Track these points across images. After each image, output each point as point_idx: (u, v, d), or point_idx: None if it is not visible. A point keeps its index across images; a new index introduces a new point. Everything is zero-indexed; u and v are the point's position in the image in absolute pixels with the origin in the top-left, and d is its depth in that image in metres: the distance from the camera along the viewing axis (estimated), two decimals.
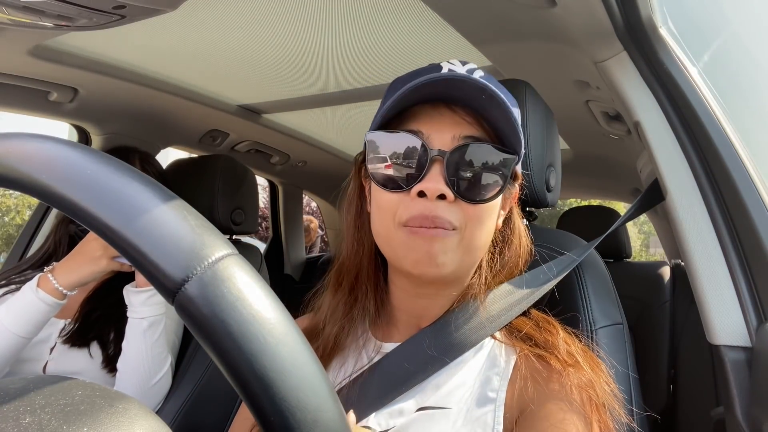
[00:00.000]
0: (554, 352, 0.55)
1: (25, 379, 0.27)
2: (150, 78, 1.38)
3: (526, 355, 0.55)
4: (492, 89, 0.50)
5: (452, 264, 0.54)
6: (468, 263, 0.56)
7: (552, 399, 0.52)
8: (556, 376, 0.53)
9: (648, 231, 13.65)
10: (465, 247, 0.54)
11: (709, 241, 0.72)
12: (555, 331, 0.57)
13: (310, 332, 0.66)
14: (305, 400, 0.24)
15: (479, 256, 0.57)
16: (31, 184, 0.25)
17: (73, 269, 0.99)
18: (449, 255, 0.53)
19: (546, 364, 0.54)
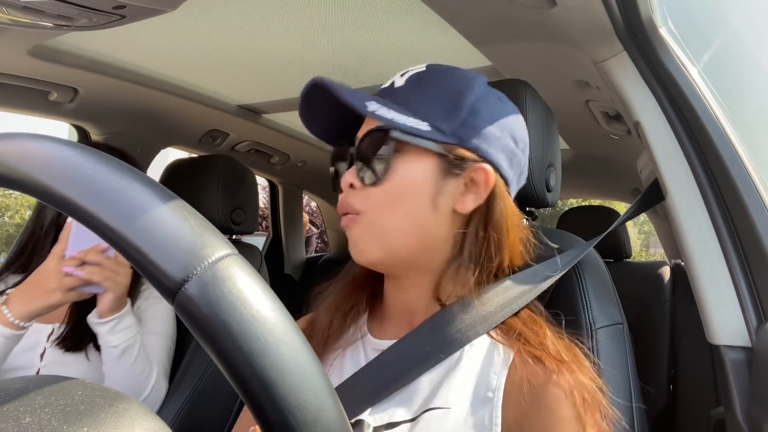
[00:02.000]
0: (547, 351, 0.55)
1: (25, 379, 0.27)
2: (150, 78, 1.39)
3: (522, 355, 0.55)
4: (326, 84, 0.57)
5: (373, 249, 0.58)
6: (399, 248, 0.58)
7: (549, 400, 0.52)
8: (551, 377, 0.53)
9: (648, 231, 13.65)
10: (377, 230, 0.58)
11: (709, 241, 0.72)
12: (543, 331, 0.58)
13: (309, 330, 0.67)
14: (305, 400, 0.24)
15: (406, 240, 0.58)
16: (31, 184, 0.25)
17: (27, 302, 0.92)
18: (366, 240, 0.58)
19: (541, 364, 0.54)
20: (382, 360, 0.59)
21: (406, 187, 0.57)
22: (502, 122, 0.60)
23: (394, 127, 0.56)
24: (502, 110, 0.61)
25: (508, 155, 0.60)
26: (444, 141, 0.57)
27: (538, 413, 0.51)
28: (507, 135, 0.60)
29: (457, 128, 0.58)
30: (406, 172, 0.57)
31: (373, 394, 0.56)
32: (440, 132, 0.57)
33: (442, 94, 0.59)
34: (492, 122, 0.59)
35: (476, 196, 0.58)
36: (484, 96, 0.60)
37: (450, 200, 0.58)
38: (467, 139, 0.58)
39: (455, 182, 0.58)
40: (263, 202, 3.12)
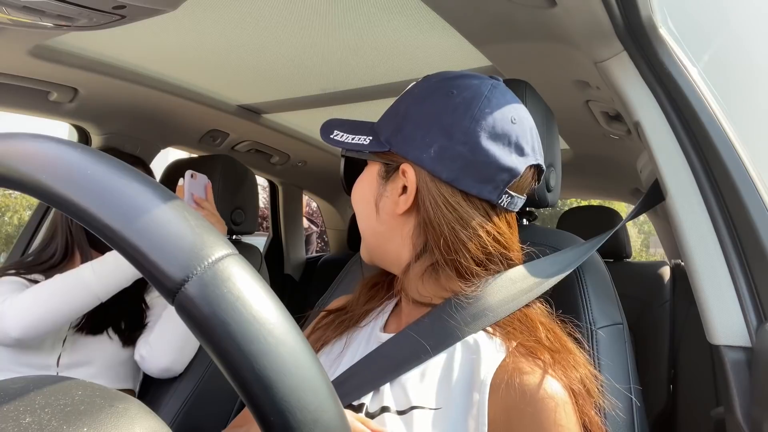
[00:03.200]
0: (540, 342, 0.56)
1: (25, 379, 0.27)
2: (150, 78, 1.39)
3: (515, 352, 0.55)
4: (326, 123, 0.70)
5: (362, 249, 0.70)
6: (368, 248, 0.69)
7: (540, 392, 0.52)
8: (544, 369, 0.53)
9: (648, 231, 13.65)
10: (360, 232, 0.69)
11: (709, 241, 0.72)
12: (534, 323, 0.59)
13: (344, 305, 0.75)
14: (305, 400, 0.24)
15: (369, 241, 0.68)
16: (31, 184, 0.25)
17: None
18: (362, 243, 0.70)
19: (533, 356, 0.54)
20: (379, 351, 0.61)
21: (358, 195, 0.68)
22: (433, 120, 0.60)
23: (342, 147, 0.67)
24: (440, 106, 0.60)
25: (437, 150, 0.59)
26: (377, 150, 0.63)
27: (528, 406, 0.51)
28: (437, 131, 0.59)
29: (390, 136, 0.63)
30: (360, 183, 0.68)
31: (371, 381, 0.59)
32: (378, 142, 0.64)
33: (393, 106, 0.66)
34: (420, 123, 0.61)
35: (407, 196, 0.61)
36: (426, 96, 0.62)
37: (391, 203, 0.63)
38: (395, 144, 0.62)
39: (392, 185, 0.63)
40: (263, 202, 3.12)
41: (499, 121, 0.60)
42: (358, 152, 0.66)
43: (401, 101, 0.65)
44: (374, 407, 0.57)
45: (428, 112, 0.61)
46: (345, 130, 0.67)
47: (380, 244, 0.66)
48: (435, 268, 0.61)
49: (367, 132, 0.66)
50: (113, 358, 1.17)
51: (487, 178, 0.60)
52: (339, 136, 0.67)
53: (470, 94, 0.60)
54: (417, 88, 0.65)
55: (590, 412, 0.54)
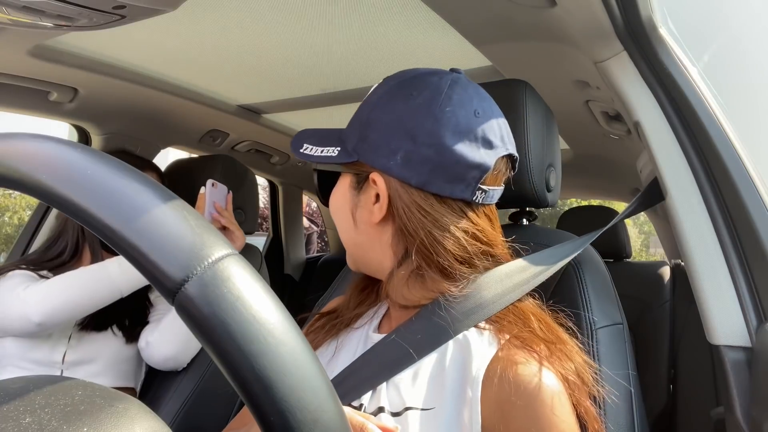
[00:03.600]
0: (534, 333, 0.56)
1: (25, 379, 0.27)
2: (150, 78, 1.39)
3: (508, 346, 0.55)
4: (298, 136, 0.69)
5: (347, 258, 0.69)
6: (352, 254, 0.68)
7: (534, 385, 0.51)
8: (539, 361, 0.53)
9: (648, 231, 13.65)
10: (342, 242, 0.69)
11: (709, 241, 0.72)
12: (527, 315, 0.58)
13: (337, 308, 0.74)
14: (305, 400, 0.24)
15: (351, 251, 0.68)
16: (31, 184, 0.25)
17: None
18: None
19: (528, 349, 0.54)
20: (374, 350, 0.61)
21: (334, 207, 0.68)
22: (395, 124, 0.59)
23: (311, 161, 0.66)
24: (400, 110, 0.59)
25: (403, 156, 0.58)
26: (346, 161, 0.63)
27: (521, 398, 0.51)
28: (401, 136, 0.58)
29: (356, 145, 0.62)
30: (334, 194, 0.67)
31: (367, 381, 0.59)
32: (347, 152, 0.63)
33: (356, 114, 0.65)
34: (384, 128, 0.60)
35: (380, 205, 0.61)
36: (386, 101, 0.61)
37: (366, 213, 0.63)
38: (362, 153, 0.61)
39: (365, 195, 0.62)
40: (263, 202, 3.12)
41: (462, 117, 0.59)
42: (328, 164, 0.65)
43: (363, 108, 0.64)
44: (371, 407, 0.57)
45: (390, 117, 0.60)
46: (314, 142, 0.66)
47: (362, 253, 0.66)
48: (419, 272, 0.61)
49: (336, 142, 0.65)
50: (117, 355, 1.18)
51: (458, 177, 0.59)
52: (308, 150, 0.65)
53: (429, 93, 0.59)
54: (377, 93, 0.63)
55: (585, 403, 0.54)
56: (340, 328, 0.70)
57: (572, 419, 0.52)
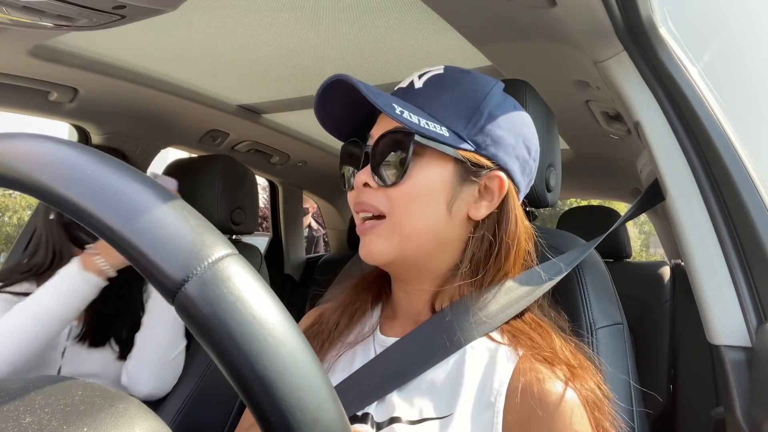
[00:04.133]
0: (557, 355, 0.55)
1: (25, 379, 0.27)
2: (150, 78, 1.39)
3: (529, 359, 0.55)
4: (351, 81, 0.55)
5: (387, 250, 0.58)
6: (412, 250, 0.59)
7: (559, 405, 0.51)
8: (564, 382, 0.53)
9: (648, 231, 13.65)
10: (397, 233, 0.58)
11: (709, 241, 0.71)
12: (550, 336, 0.58)
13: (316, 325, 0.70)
14: (305, 400, 0.24)
15: (420, 243, 0.58)
16: (31, 184, 0.25)
17: None
18: (381, 242, 0.58)
19: (551, 369, 0.54)
20: (385, 356, 0.59)
21: (423, 191, 0.57)
22: (517, 130, 0.62)
23: (416, 131, 0.56)
24: (517, 118, 0.62)
25: (521, 163, 0.62)
26: (462, 147, 0.58)
27: (544, 412, 0.51)
28: (521, 143, 0.62)
29: (475, 135, 0.59)
30: (425, 176, 0.57)
31: (377, 389, 0.57)
32: (459, 138, 0.58)
33: (461, 99, 0.60)
34: (508, 130, 0.61)
35: (489, 203, 0.60)
36: (502, 103, 0.62)
37: (464, 206, 0.59)
38: (485, 146, 0.59)
39: (471, 188, 0.59)
40: (263, 202, 3.11)
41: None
42: (437, 143, 0.57)
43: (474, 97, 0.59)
44: (382, 417, 0.55)
45: (509, 120, 0.61)
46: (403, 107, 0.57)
47: (437, 249, 0.60)
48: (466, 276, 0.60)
49: (430, 119, 0.58)
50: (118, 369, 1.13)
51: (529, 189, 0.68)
52: (407, 115, 0.56)
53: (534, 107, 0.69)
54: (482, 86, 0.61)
55: (605, 424, 0.53)
56: (335, 336, 0.67)
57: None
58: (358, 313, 0.68)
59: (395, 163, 0.57)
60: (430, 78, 0.62)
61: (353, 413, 0.57)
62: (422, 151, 0.57)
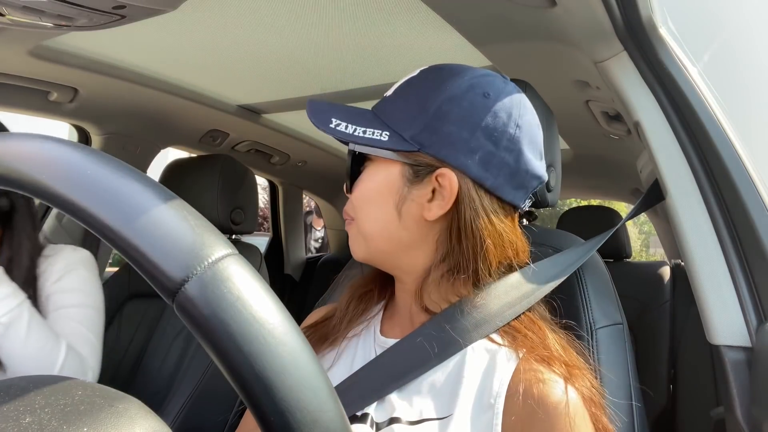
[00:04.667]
0: (552, 354, 0.55)
1: (25, 379, 0.27)
2: (150, 78, 1.39)
3: (528, 359, 0.55)
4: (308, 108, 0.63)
5: (358, 249, 0.63)
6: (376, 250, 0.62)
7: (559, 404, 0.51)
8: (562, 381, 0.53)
9: (648, 231, 13.65)
10: (361, 232, 0.62)
11: (709, 241, 0.71)
12: (543, 333, 0.58)
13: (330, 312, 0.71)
14: (305, 400, 0.24)
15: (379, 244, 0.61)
16: (31, 184, 0.25)
17: None
18: (354, 241, 0.64)
19: (548, 368, 0.54)
20: (384, 358, 0.59)
21: (371, 195, 0.61)
22: (474, 122, 0.57)
23: (350, 140, 0.59)
24: (478, 108, 0.57)
25: (482, 157, 0.57)
26: (402, 149, 0.58)
27: (545, 412, 0.51)
28: (479, 135, 0.57)
29: (418, 133, 0.57)
30: (372, 181, 0.61)
31: (376, 390, 0.57)
32: (402, 139, 0.58)
33: (412, 100, 0.59)
34: (461, 123, 0.57)
35: (441, 203, 0.57)
36: (460, 95, 0.57)
37: (416, 207, 0.58)
38: (429, 145, 0.57)
39: (420, 189, 0.58)
40: (263, 202, 3.11)
41: (534, 128, 0.61)
42: (375, 149, 0.59)
43: (424, 94, 0.59)
44: (381, 418, 0.55)
45: (466, 113, 0.57)
46: (345, 119, 0.60)
47: (397, 250, 0.61)
48: (451, 274, 0.59)
49: (377, 125, 0.59)
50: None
51: (522, 185, 0.60)
52: (344, 127, 0.59)
53: (507, 99, 0.59)
54: (440, 83, 0.59)
55: (604, 420, 0.54)
56: (337, 336, 0.67)
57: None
58: (367, 299, 0.69)
59: (349, 172, 0.63)
60: (401, 84, 0.63)
61: (352, 413, 0.57)
62: (373, 159, 0.61)
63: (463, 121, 0.57)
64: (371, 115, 0.61)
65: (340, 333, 0.67)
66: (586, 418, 0.52)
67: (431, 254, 0.60)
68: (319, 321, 0.71)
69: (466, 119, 0.57)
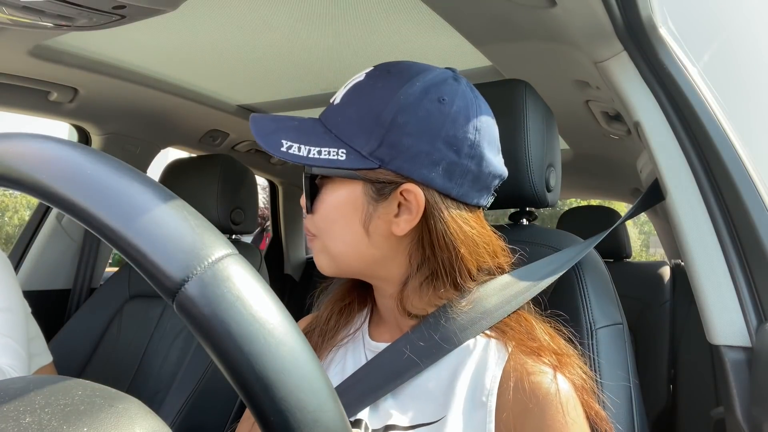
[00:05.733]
0: (541, 344, 0.55)
1: (25, 379, 0.27)
2: (150, 78, 1.39)
3: (518, 354, 0.55)
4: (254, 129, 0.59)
5: (326, 266, 0.61)
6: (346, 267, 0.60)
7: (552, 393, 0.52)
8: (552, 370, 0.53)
9: (648, 231, 13.66)
10: (327, 251, 0.60)
11: (709, 241, 0.72)
12: (530, 324, 0.58)
13: (313, 325, 0.69)
14: (305, 400, 0.24)
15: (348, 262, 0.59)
16: (31, 184, 0.25)
17: None
18: (320, 258, 0.61)
19: (538, 358, 0.54)
20: (376, 362, 0.59)
21: (335, 215, 0.58)
22: (434, 132, 0.54)
23: (306, 164, 0.56)
24: (437, 116, 0.55)
25: (446, 167, 0.55)
26: (362, 167, 0.55)
27: (537, 404, 0.51)
28: (440, 145, 0.55)
29: (376, 149, 0.54)
30: (333, 201, 0.58)
31: (368, 395, 0.57)
32: (360, 156, 0.55)
33: (365, 111, 0.56)
34: (419, 135, 0.54)
35: (409, 217, 0.56)
36: (414, 103, 0.54)
37: (384, 224, 0.57)
38: (389, 161, 0.54)
39: (386, 206, 0.56)
40: (263, 202, 3.11)
41: (491, 127, 0.59)
42: (333, 169, 0.56)
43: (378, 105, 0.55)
44: (377, 425, 0.55)
45: (424, 123, 0.54)
46: (296, 139, 0.56)
47: (368, 266, 0.60)
48: (430, 281, 0.59)
49: (331, 142, 0.56)
50: None
51: (486, 187, 0.59)
52: (296, 149, 0.56)
53: (462, 101, 0.56)
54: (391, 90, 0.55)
55: (596, 406, 0.54)
56: (322, 347, 0.66)
57: (584, 421, 0.52)
58: (347, 311, 0.68)
59: (308, 193, 0.59)
60: (348, 89, 0.59)
61: (348, 417, 0.57)
62: (331, 178, 0.58)
63: (422, 133, 0.54)
64: (321, 128, 0.58)
65: (325, 344, 0.66)
66: (577, 405, 0.52)
67: (405, 265, 0.59)
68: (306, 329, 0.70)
69: (425, 130, 0.54)
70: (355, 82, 0.58)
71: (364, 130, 0.55)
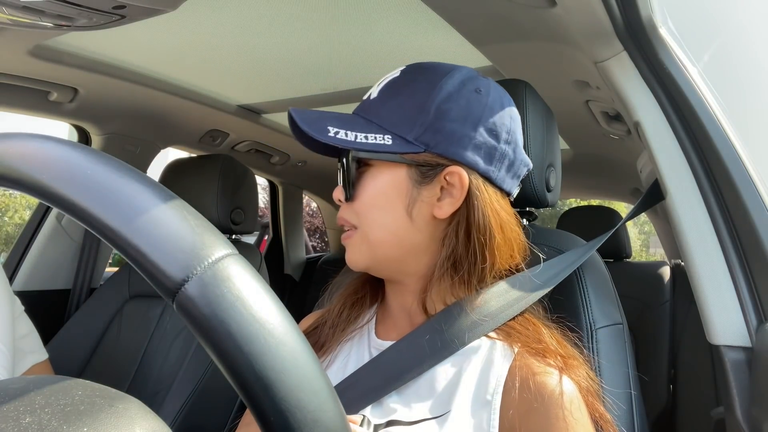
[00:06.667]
0: (547, 347, 0.56)
1: (25, 379, 0.27)
2: (150, 78, 1.39)
3: (523, 354, 0.55)
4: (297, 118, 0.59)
5: (360, 258, 0.61)
6: (382, 257, 0.61)
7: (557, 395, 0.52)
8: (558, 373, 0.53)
9: (648, 231, 13.66)
10: (365, 239, 0.60)
11: (709, 241, 0.72)
12: (537, 328, 0.58)
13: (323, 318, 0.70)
14: (305, 400, 0.24)
15: (386, 250, 0.60)
16: (31, 184, 0.25)
17: None
18: (355, 250, 0.61)
19: (544, 360, 0.54)
20: (381, 359, 0.59)
21: (379, 201, 0.59)
22: (475, 118, 0.58)
23: (352, 148, 0.58)
24: (475, 105, 0.59)
25: (486, 151, 0.59)
26: (408, 151, 0.57)
27: (542, 404, 0.51)
28: (482, 131, 0.58)
29: (422, 134, 0.57)
30: (378, 187, 0.59)
31: (373, 392, 0.57)
32: (405, 142, 0.58)
33: (408, 101, 0.59)
34: (462, 121, 0.58)
35: (452, 200, 0.58)
36: (455, 93, 0.59)
37: (426, 207, 0.59)
38: (434, 144, 0.57)
39: (429, 189, 0.58)
40: (263, 202, 3.11)
41: (519, 118, 0.65)
42: (381, 153, 0.58)
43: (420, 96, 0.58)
44: (379, 419, 0.56)
45: (465, 110, 0.58)
46: (341, 126, 0.59)
47: (405, 254, 0.60)
48: (451, 274, 0.59)
49: (374, 129, 0.59)
50: None
51: (517, 175, 0.63)
52: (344, 135, 0.58)
53: (496, 92, 0.61)
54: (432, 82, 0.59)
55: (600, 408, 0.54)
56: (329, 343, 0.67)
57: (588, 423, 0.53)
58: (358, 305, 0.69)
59: (351, 180, 0.60)
60: (385, 85, 0.62)
61: (350, 414, 0.57)
62: (372, 163, 0.60)
63: (465, 119, 0.58)
64: (361, 120, 0.60)
65: (333, 340, 0.67)
66: (582, 407, 0.52)
67: (436, 254, 0.60)
68: (310, 328, 0.70)
69: (467, 116, 0.58)
70: (391, 79, 0.62)
71: (408, 118, 0.58)
